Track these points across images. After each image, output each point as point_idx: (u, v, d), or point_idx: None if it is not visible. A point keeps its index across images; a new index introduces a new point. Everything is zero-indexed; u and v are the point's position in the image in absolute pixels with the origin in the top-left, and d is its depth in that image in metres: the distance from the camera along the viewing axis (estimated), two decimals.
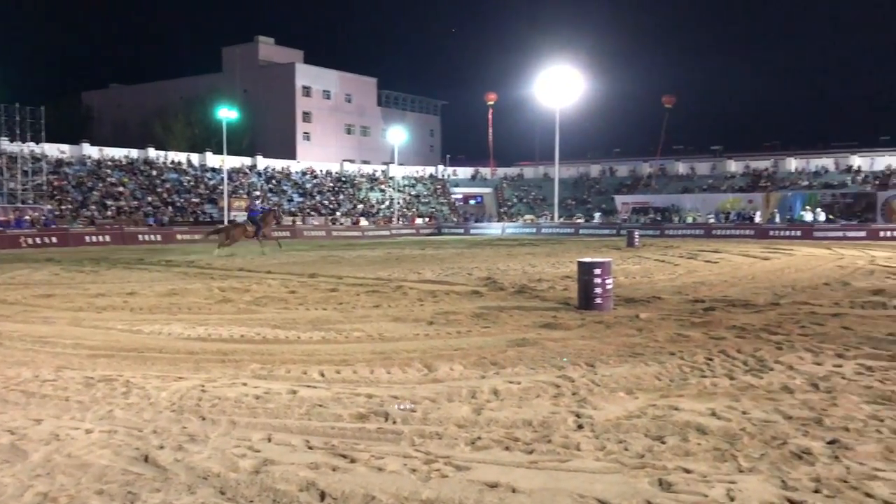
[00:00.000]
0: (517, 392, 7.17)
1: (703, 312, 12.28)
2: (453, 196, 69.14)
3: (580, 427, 6.05)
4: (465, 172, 72.58)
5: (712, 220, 51.50)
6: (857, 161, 56.35)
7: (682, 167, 64.78)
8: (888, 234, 41.37)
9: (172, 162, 56.95)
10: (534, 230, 54.79)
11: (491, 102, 72.19)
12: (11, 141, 44.96)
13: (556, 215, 58.49)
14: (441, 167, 73.53)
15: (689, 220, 52.96)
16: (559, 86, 56.19)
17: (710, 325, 10.87)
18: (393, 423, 6.18)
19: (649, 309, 12.73)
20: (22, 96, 45.98)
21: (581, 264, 12.95)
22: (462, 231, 56.87)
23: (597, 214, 58.83)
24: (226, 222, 49.38)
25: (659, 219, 54.37)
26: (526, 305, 13.43)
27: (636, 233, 36.80)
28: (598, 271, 12.55)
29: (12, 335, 10.65)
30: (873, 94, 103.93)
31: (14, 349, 9.65)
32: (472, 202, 70.33)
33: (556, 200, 58.85)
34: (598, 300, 12.53)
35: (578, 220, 57.26)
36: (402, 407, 6.59)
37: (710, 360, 8.57)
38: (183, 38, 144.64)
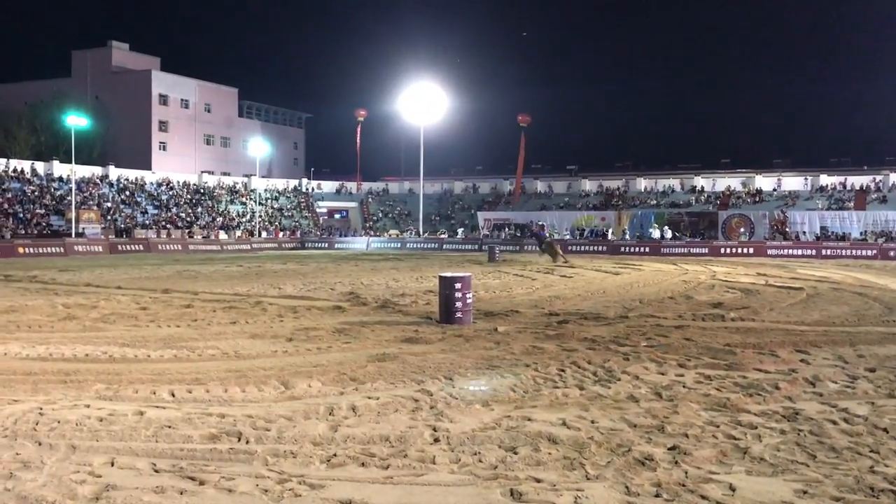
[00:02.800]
0: (375, 407, 7.17)
1: (558, 325, 12.73)
2: (318, 210, 68.41)
3: (436, 440, 6.12)
4: (329, 186, 72.00)
5: (568, 237, 53.49)
6: (701, 182, 60.20)
7: (540, 185, 66.99)
8: (728, 250, 44.33)
9: (15, 170, 53.21)
10: (398, 245, 55.01)
11: (361, 118, 72.09)
12: None
13: (420, 230, 59.02)
14: (305, 180, 72.59)
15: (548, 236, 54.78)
16: (424, 103, 56.93)
17: (564, 338, 11.27)
18: (246, 442, 6.02)
19: (507, 322, 13.07)
20: None
21: (442, 279, 13.12)
22: (326, 245, 56.29)
23: (460, 230, 59.83)
24: (73, 235, 46.68)
25: (518, 234, 55.91)
26: (388, 320, 13.46)
27: (497, 248, 37.67)
28: (458, 286, 12.76)
29: None
30: (715, 119, 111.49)
31: None
32: (337, 216, 69.83)
33: (420, 216, 59.44)
34: (459, 314, 12.73)
35: (442, 236, 58.00)
36: None
37: (563, 371, 8.89)
38: (29, 39, 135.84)
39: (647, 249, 45.94)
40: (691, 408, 7.20)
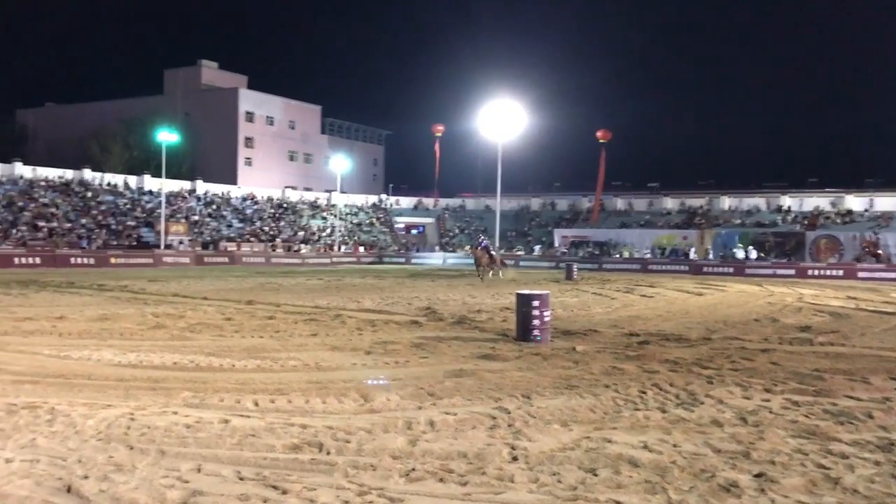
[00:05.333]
0: (453, 423, 7.17)
1: (638, 346, 12.51)
2: (395, 225, 69.18)
3: (514, 459, 6.08)
4: (407, 202, 72.79)
5: (648, 255, 52.57)
6: (788, 201, 58.33)
7: (620, 203, 66.13)
8: (816, 272, 42.82)
9: (109, 184, 55.68)
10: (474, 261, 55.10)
11: (438, 134, 72.73)
12: None
13: (496, 247, 58.97)
14: (384, 196, 73.59)
15: (626, 254, 53.96)
16: (502, 119, 56.95)
17: (644, 359, 11.06)
18: (327, 453, 6.12)
19: (586, 341, 12.91)
20: None
21: (520, 296, 13.07)
22: (403, 260, 56.84)
23: (536, 247, 59.53)
24: (162, 247, 48.43)
25: (597, 253, 55.27)
26: (464, 336, 13.48)
27: (575, 266, 37.33)
28: (536, 303, 12.69)
29: None
30: (803, 137, 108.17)
31: None
32: (413, 232, 70.46)
33: (497, 232, 59.38)
34: (536, 332, 12.65)
35: (518, 252, 57.82)
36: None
37: (644, 392, 8.72)
38: (124, 58, 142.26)
39: (731, 270, 44.79)
40: (778, 434, 6.95)
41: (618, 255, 53.90)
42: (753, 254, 49.10)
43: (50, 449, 6.09)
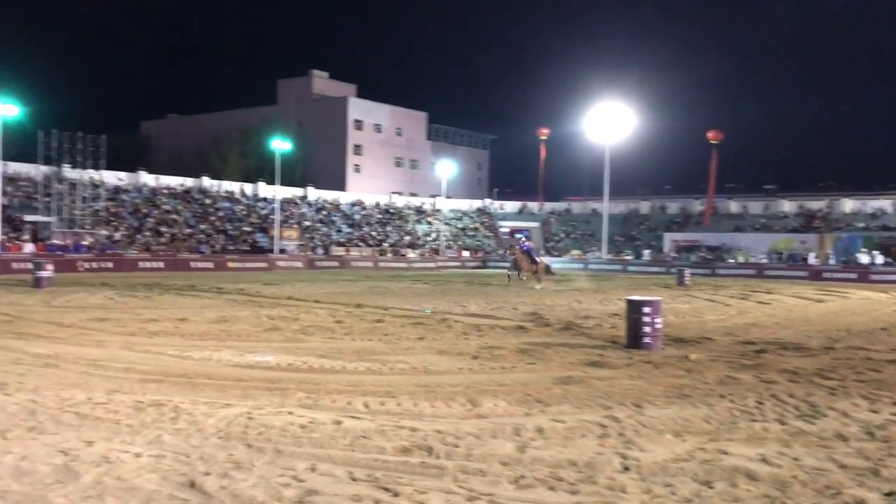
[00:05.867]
0: (562, 431, 7.10)
1: (755, 355, 12.03)
2: (500, 230, 69.16)
3: (626, 469, 5.96)
4: (512, 206, 72.63)
5: (764, 260, 50.54)
6: None
7: (734, 206, 63.91)
8: None
9: (226, 191, 58.13)
10: (581, 266, 54.43)
11: (543, 137, 72.31)
12: (73, 168, 46.44)
13: (604, 251, 58.05)
14: (488, 201, 73.72)
15: (741, 259, 52.06)
16: (609, 121, 56.08)
17: (762, 368, 10.64)
18: (437, 457, 6.16)
19: (699, 350, 12.52)
20: (84, 125, 47.52)
21: (630, 302, 12.82)
22: (508, 265, 56.74)
23: (646, 251, 58.23)
24: (276, 251, 50.14)
25: (710, 258, 53.57)
26: (572, 343, 13.33)
27: (686, 271, 36.28)
28: (647, 310, 12.41)
29: (67, 357, 10.93)
30: None
31: (69, 371, 9.90)
32: (518, 236, 70.26)
33: (604, 236, 58.45)
34: (647, 339, 12.37)
35: (627, 257, 56.73)
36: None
37: (761, 403, 8.38)
38: (240, 70, 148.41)
39: (854, 276, 42.47)
40: None
41: (731, 260, 52.04)
42: (879, 259, 46.39)
43: (174, 445, 6.40)
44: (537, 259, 32.46)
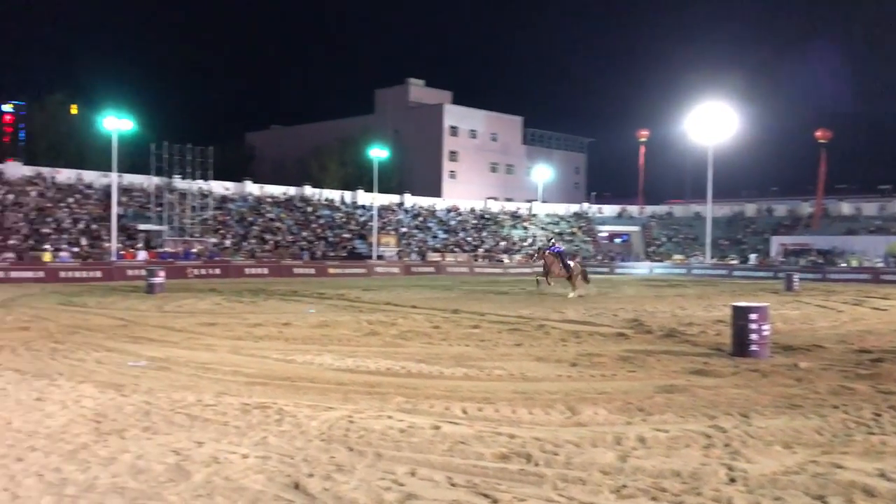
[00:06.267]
0: (665, 440, 6.92)
1: (871, 364, 11.41)
2: (598, 234, 68.18)
3: (732, 481, 5.76)
4: (611, 210, 71.47)
5: (880, 265, 47.97)
6: None
7: (846, 207, 60.97)
8: None
9: (326, 199, 59.60)
10: (684, 271, 53.05)
11: (643, 139, 70.95)
12: (183, 178, 48.63)
13: (707, 256, 56.36)
14: (586, 205, 72.80)
15: (854, 263, 49.56)
16: (712, 122, 54.48)
17: (879, 378, 10.08)
18: (535, 465, 6.11)
19: (810, 358, 11.98)
20: (193, 138, 49.72)
21: (736, 308, 12.39)
22: (607, 270, 55.82)
23: (752, 256, 56.20)
24: (374, 257, 51.03)
25: (820, 262, 51.25)
26: (675, 350, 12.98)
27: (795, 276, 34.79)
28: (754, 316, 11.96)
29: (179, 361, 11.42)
30: None
31: (180, 374, 10.33)
32: (617, 240, 69.02)
33: (707, 240, 56.76)
34: (754, 347, 11.92)
35: (732, 262, 54.92)
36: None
37: (878, 415, 7.94)
38: (339, 82, 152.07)
39: None
40: None
41: (844, 265, 49.62)
42: None
43: (279, 447, 6.58)
44: (570, 263, 28.80)
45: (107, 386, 9.31)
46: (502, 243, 62.12)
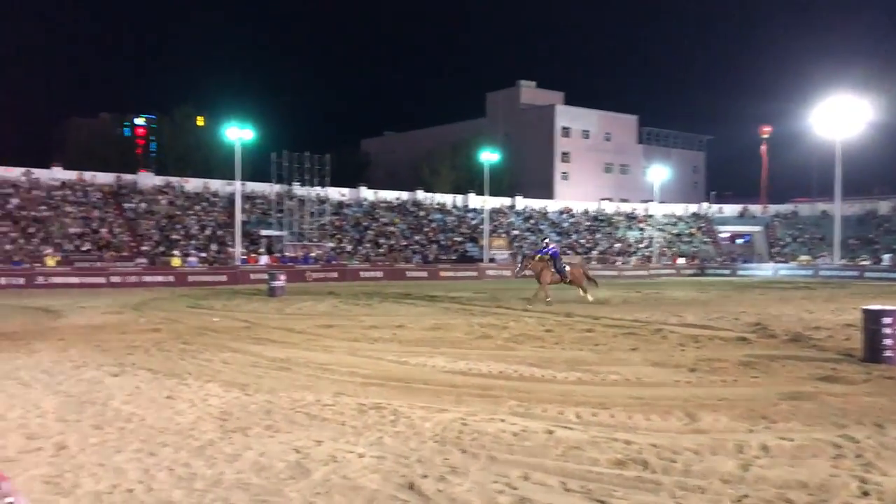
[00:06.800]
0: (790, 450, 6.61)
1: None
2: (718, 235, 65.87)
3: (865, 494, 5.45)
4: (731, 210, 68.86)
5: None
6: None
7: None
8: None
9: (438, 203, 60.25)
10: (811, 272, 50.56)
11: (765, 135, 68.14)
12: (302, 185, 50.34)
13: (836, 257, 53.48)
14: (705, 204, 70.43)
15: None
16: (840, 115, 51.66)
17: None
18: (652, 472, 5.97)
19: None
20: (311, 146, 51.45)
21: (867, 312, 11.70)
22: (728, 272, 53.84)
23: (886, 256, 52.88)
24: (485, 260, 51.19)
25: None
26: (801, 355, 12.38)
27: None
28: (888, 320, 11.28)
29: (299, 361, 11.81)
30: None
31: (300, 374, 10.69)
32: (739, 241, 66.48)
33: (836, 240, 53.83)
34: (888, 353, 11.23)
35: (864, 263, 51.91)
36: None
37: None
38: (451, 87, 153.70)
39: None
40: None
41: None
42: None
43: (394, 447, 6.69)
44: (567, 267, 24.83)
45: (232, 385, 9.74)
46: (617, 245, 61.01)
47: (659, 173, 65.26)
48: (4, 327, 17.02)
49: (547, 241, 26.56)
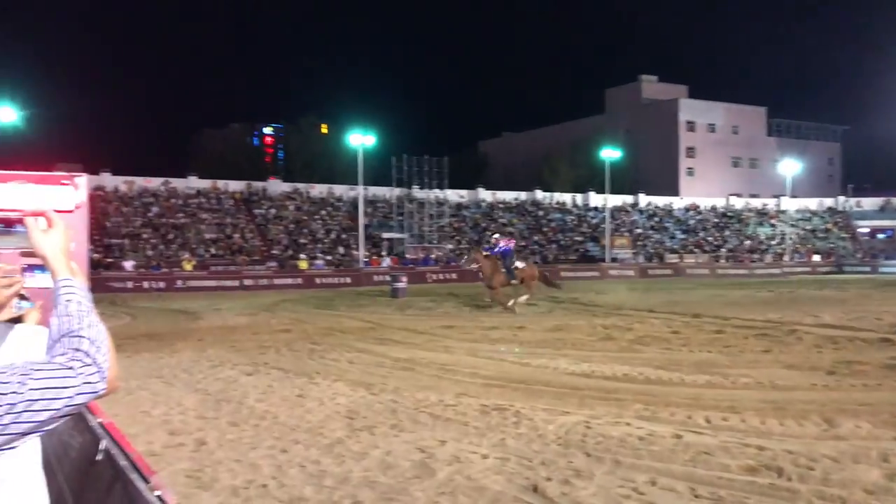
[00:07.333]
0: None
1: None
2: (858, 230, 62.11)
3: None
4: (871, 203, 64.76)
5: None
6: None
7: None
8: None
9: (557, 202, 59.72)
10: None
11: None
12: (421, 188, 51.17)
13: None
14: (842, 198, 66.57)
15: None
16: None
17: None
18: (788, 479, 5.70)
19: None
20: (429, 149, 52.23)
21: None
22: (868, 269, 50.70)
23: None
24: (607, 260, 50.33)
25: None
26: None
27: None
28: None
29: (421, 361, 12.00)
30: None
31: (422, 374, 10.86)
32: (881, 236, 62.44)
33: None
34: None
35: None
36: None
37: None
38: (568, 84, 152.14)
39: None
40: None
41: None
42: None
43: (517, 449, 6.69)
44: (520, 264, 22.21)
45: (358, 384, 10.01)
46: (747, 242, 58.60)
47: (790, 166, 62.20)
48: (150, 329, 18.15)
49: (496, 236, 23.57)
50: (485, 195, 58.14)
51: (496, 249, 21.70)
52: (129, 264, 38.91)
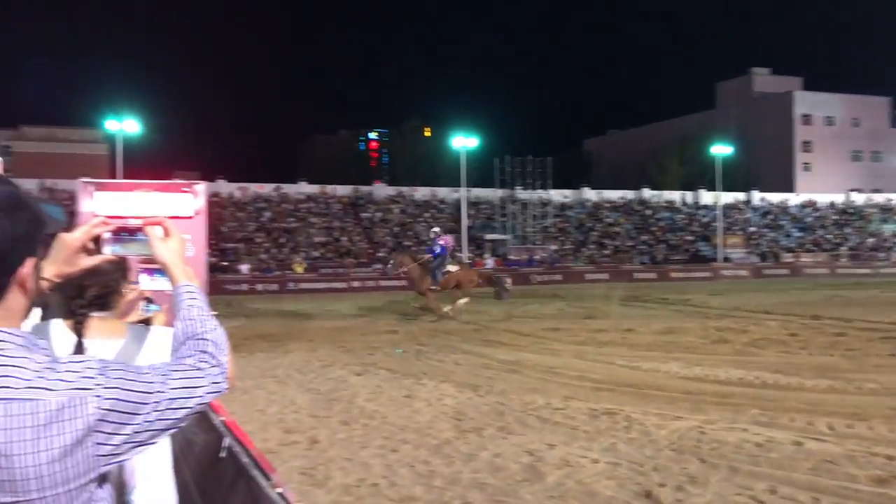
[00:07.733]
0: None
1: None
2: None
3: None
4: None
5: None
6: None
7: None
8: None
9: (666, 201, 58.25)
10: None
11: None
12: (524, 189, 51.00)
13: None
14: None
15: None
16: None
17: None
18: None
19: None
20: (533, 149, 52.01)
21: None
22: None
23: None
24: (720, 260, 48.72)
25: None
26: None
27: None
28: None
29: (527, 364, 11.94)
30: None
31: (529, 377, 10.80)
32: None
33: None
34: None
35: None
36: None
37: None
38: (677, 79, 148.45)
39: None
40: None
41: None
42: None
43: (628, 454, 6.55)
44: (452, 269, 20.39)
45: (464, 386, 10.05)
46: (870, 240, 55.51)
47: None
48: (264, 330, 18.78)
49: (436, 230, 21.82)
50: (589, 195, 57.36)
51: (436, 248, 19.96)
52: (244, 267, 40.54)
